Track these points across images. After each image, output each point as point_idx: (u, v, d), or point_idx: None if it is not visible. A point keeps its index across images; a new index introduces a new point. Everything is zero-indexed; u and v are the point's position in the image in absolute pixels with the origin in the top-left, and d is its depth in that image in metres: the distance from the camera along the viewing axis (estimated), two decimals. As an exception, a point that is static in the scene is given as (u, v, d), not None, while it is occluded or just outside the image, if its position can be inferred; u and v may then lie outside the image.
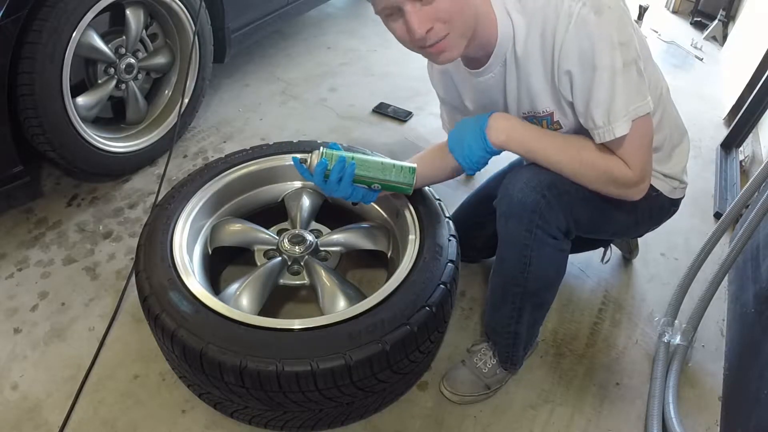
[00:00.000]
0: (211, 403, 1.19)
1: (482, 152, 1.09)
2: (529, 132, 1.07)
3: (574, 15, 0.91)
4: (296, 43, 2.92)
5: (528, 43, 0.99)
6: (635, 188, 1.04)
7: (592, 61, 0.93)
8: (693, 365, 1.43)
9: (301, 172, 1.19)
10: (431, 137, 2.23)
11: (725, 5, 3.45)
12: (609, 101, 0.95)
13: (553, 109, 1.06)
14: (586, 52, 0.93)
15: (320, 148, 1.17)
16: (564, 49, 0.94)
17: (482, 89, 1.14)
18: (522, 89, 1.07)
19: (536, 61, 1.00)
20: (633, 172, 1.01)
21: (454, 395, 1.29)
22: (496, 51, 1.03)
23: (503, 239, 1.13)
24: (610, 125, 0.96)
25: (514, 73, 1.06)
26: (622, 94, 0.94)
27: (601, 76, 0.93)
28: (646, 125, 1.00)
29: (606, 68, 0.92)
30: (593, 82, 0.94)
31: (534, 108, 1.08)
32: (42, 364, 1.33)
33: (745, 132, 2.26)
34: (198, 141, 2.14)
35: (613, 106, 0.95)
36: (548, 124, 1.09)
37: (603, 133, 0.98)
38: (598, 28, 0.90)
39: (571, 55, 0.94)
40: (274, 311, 1.47)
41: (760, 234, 1.57)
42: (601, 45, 0.91)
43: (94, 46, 1.65)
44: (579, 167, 1.04)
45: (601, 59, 0.92)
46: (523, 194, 1.05)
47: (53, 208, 1.78)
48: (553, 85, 1.01)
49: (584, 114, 0.99)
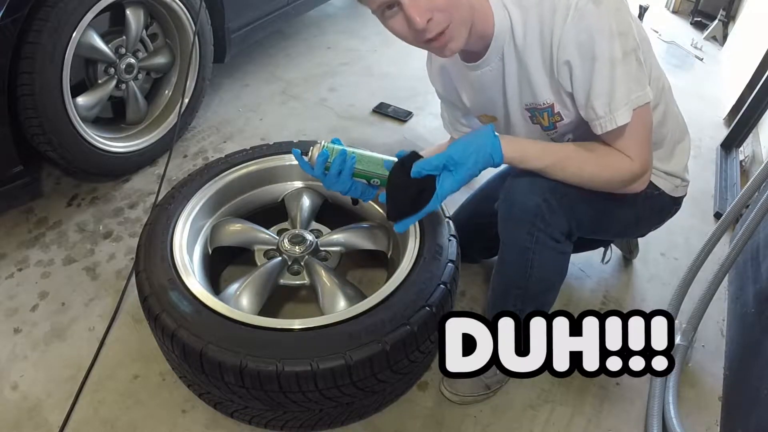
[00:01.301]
0: (211, 403, 1.19)
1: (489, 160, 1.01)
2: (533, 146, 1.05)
3: (572, 6, 0.91)
4: (296, 43, 2.92)
5: (527, 35, 0.99)
6: (638, 180, 1.04)
7: (592, 51, 0.92)
8: (693, 365, 1.43)
9: (301, 165, 1.18)
10: (431, 137, 2.23)
11: (725, 5, 3.45)
12: (610, 91, 0.94)
13: (553, 101, 1.05)
14: (585, 43, 0.92)
15: (322, 142, 1.17)
16: (563, 40, 0.93)
17: (480, 85, 1.13)
18: (523, 81, 1.06)
19: (535, 53, 1.00)
20: (634, 162, 1.01)
21: (454, 395, 1.29)
22: (493, 44, 1.03)
23: (505, 242, 1.12)
24: (612, 114, 0.96)
25: (514, 66, 1.05)
26: (622, 84, 0.94)
27: (600, 66, 0.93)
28: (646, 115, 1.00)
29: (605, 58, 0.92)
30: (593, 72, 0.94)
31: (535, 100, 1.07)
32: (42, 364, 1.33)
33: (745, 132, 2.26)
34: (198, 141, 2.14)
35: (614, 96, 0.94)
36: (549, 116, 1.08)
37: (605, 122, 0.97)
38: (597, 18, 0.90)
39: (570, 46, 0.93)
40: (274, 311, 1.46)
41: (760, 234, 1.57)
42: (599, 35, 0.91)
43: (94, 46, 1.65)
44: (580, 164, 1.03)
45: (601, 49, 0.92)
46: (525, 198, 1.05)
47: (53, 208, 1.78)
48: (552, 76, 1.01)
49: (585, 105, 0.99)
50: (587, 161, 1.03)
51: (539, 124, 1.12)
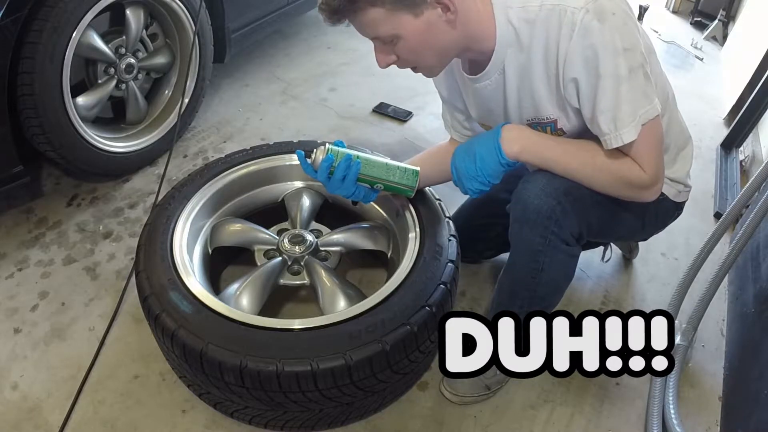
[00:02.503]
0: (211, 403, 1.19)
1: (496, 164, 1.06)
2: (543, 141, 1.06)
3: (577, 23, 0.90)
4: (296, 43, 2.92)
5: (531, 51, 0.99)
6: (650, 190, 1.04)
7: (596, 68, 0.92)
8: (693, 365, 1.43)
9: (304, 168, 1.18)
10: (431, 137, 2.23)
11: (725, 5, 3.45)
12: (614, 109, 0.94)
13: (557, 116, 1.05)
14: (590, 60, 0.92)
15: (326, 144, 1.16)
16: (568, 58, 0.93)
17: (480, 96, 1.14)
18: (524, 96, 1.06)
19: (539, 69, 1.00)
20: (647, 173, 1.01)
21: (454, 396, 1.29)
22: (494, 59, 1.03)
23: (516, 244, 1.11)
24: (617, 132, 0.96)
25: (514, 81, 1.05)
26: (627, 102, 0.93)
27: (605, 83, 0.93)
28: (656, 127, 0.99)
29: (610, 76, 0.92)
30: (597, 89, 0.94)
31: (538, 115, 1.07)
32: (42, 364, 1.33)
33: (745, 132, 2.26)
34: (198, 141, 2.14)
35: (619, 114, 0.94)
36: (552, 131, 1.09)
37: (610, 139, 0.97)
38: (601, 35, 0.90)
39: (576, 63, 0.93)
40: (274, 311, 1.46)
41: (760, 234, 1.57)
42: (604, 53, 0.91)
43: (94, 46, 1.65)
44: (593, 173, 1.03)
45: (605, 67, 0.91)
46: (539, 200, 1.04)
47: (53, 208, 1.78)
48: (557, 92, 1.01)
49: (591, 120, 0.99)
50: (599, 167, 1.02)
51: None
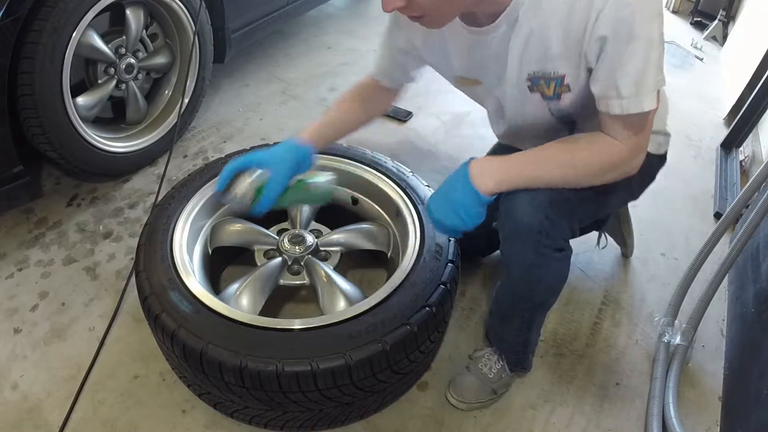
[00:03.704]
0: (211, 403, 1.19)
1: (477, 206, 1.02)
2: (513, 162, 1.03)
3: None
4: (296, 43, 2.92)
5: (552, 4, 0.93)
6: (632, 162, 1.01)
7: (630, 30, 0.88)
8: (693, 365, 1.43)
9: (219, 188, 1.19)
10: (431, 137, 2.23)
11: (725, 5, 3.45)
12: (641, 73, 0.91)
13: (566, 72, 1.00)
14: (624, 20, 0.88)
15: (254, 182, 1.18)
16: (603, 14, 0.88)
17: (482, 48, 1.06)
18: (532, 50, 1.00)
19: (558, 22, 0.94)
20: (624, 146, 0.98)
21: (461, 403, 1.28)
22: (508, 10, 0.97)
23: (510, 261, 1.09)
24: (638, 98, 0.92)
25: (524, 33, 0.99)
26: (654, 68, 0.91)
27: (636, 46, 0.89)
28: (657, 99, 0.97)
29: (643, 39, 0.88)
30: (627, 52, 0.90)
31: (543, 69, 1.02)
32: (42, 364, 1.33)
33: (745, 132, 2.26)
34: (198, 141, 2.14)
35: (645, 79, 0.91)
36: (556, 86, 1.03)
37: (628, 104, 0.93)
38: None
39: (609, 21, 0.89)
40: (274, 311, 1.46)
41: (760, 234, 1.57)
42: (641, 15, 0.87)
43: (94, 46, 1.65)
44: (576, 174, 1.01)
45: (641, 29, 0.88)
46: (528, 218, 1.01)
47: (53, 208, 1.78)
48: (576, 47, 0.95)
49: (605, 81, 0.94)
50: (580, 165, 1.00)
51: (540, 93, 1.06)
